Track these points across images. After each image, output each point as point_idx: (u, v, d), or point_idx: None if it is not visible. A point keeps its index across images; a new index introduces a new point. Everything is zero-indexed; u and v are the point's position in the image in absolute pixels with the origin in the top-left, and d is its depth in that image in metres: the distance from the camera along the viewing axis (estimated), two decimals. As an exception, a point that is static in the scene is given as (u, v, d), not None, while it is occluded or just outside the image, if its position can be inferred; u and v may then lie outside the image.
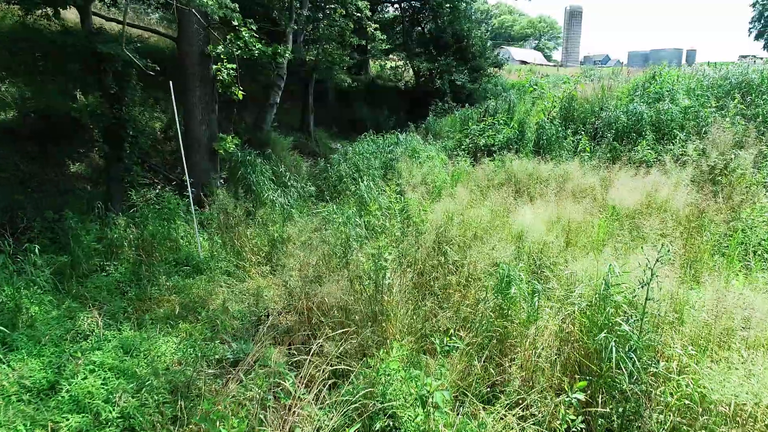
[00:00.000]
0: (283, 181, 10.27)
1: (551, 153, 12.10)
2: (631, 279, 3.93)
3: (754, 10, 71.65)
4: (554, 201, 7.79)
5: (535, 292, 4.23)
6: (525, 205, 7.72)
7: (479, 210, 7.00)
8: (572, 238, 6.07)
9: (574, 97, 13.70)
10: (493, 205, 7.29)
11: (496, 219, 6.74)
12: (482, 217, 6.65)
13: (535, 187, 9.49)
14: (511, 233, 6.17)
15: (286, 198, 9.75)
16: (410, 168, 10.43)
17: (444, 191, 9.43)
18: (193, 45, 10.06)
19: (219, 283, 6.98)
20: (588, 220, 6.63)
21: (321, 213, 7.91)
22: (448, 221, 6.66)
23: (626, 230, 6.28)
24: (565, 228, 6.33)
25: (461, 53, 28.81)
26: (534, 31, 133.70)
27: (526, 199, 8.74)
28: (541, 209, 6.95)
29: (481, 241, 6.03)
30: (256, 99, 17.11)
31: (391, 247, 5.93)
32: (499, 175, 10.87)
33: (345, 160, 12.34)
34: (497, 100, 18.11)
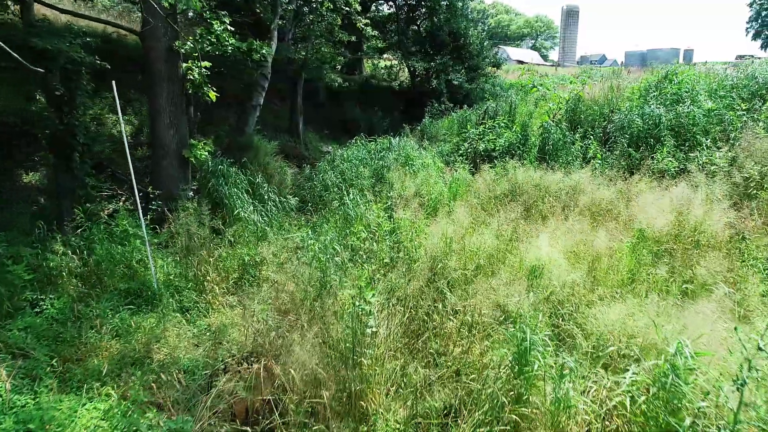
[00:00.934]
0: (260, 194, 9.16)
1: (558, 160, 11.02)
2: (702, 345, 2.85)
3: (751, 9, 71.00)
4: (569, 221, 6.71)
5: (565, 372, 3.13)
6: (536, 225, 6.63)
7: (482, 234, 5.91)
8: (599, 274, 4.99)
9: (580, 98, 12.65)
10: (498, 227, 6.19)
11: (502, 245, 5.65)
12: (486, 243, 5.56)
13: (543, 202, 8.41)
14: (522, 266, 5.08)
15: (263, 213, 8.64)
16: (403, 178, 9.34)
17: (441, 206, 8.35)
18: (158, 40, 8.93)
19: (174, 321, 5.88)
20: (613, 247, 5.55)
21: (295, 237, 6.79)
22: (446, 248, 5.56)
23: (662, 262, 5.19)
24: (587, 259, 5.24)
25: (458, 52, 27.75)
26: (531, 30, 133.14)
27: (536, 217, 7.66)
28: (556, 233, 5.86)
29: (485, 275, 4.94)
30: (242, 99, 16.02)
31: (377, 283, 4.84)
32: (502, 184, 9.80)
33: (332, 167, 11.24)
34: (497, 101, 17.03)
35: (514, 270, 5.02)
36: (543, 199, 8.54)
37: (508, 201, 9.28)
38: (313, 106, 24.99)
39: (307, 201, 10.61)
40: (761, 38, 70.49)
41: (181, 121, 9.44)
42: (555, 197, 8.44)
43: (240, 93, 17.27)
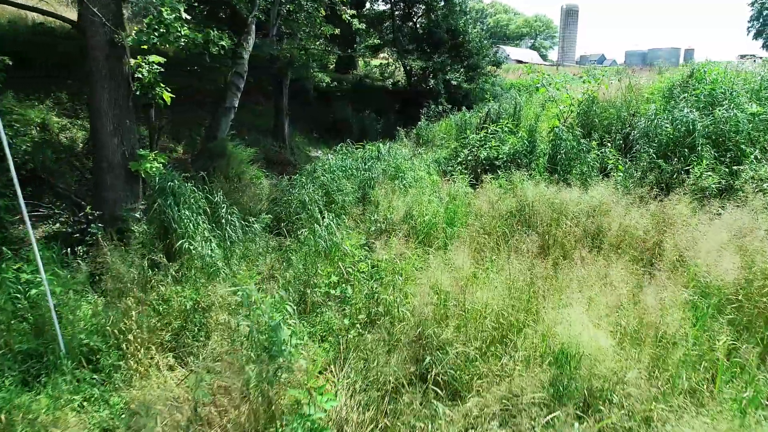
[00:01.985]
0: (221, 215, 7.67)
1: (571, 171, 9.57)
2: None
3: (753, 8, 69.83)
4: (598, 258, 5.24)
5: None
6: (557, 266, 5.16)
7: (488, 285, 4.43)
8: (659, 361, 3.50)
9: (594, 100, 11.20)
10: (509, 274, 4.71)
11: (517, 303, 4.17)
12: (494, 301, 4.08)
13: (560, 225, 6.95)
14: (546, 344, 3.60)
15: (222, 239, 7.17)
16: (390, 196, 7.86)
17: (435, 232, 6.88)
18: (97, 31, 7.44)
19: (79, 400, 4.41)
20: (664, 303, 4.06)
21: (237, 294, 5.29)
22: (440, 307, 4.09)
23: (741, 337, 3.71)
24: (639, 336, 3.72)
25: (457, 50, 26.33)
26: (530, 30, 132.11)
27: (555, 249, 6.21)
28: (587, 282, 4.39)
29: (494, 355, 3.47)
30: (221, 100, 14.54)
31: (343, 362, 3.39)
32: (507, 201, 8.35)
33: (311, 179, 9.76)
34: (500, 102, 15.54)
35: (534, 347, 3.55)
36: (559, 222, 7.07)
37: (516, 223, 7.82)
38: (302, 107, 23.49)
39: (282, 219, 9.14)
40: (763, 38, 69.33)
41: (127, 127, 7.96)
42: (574, 221, 6.98)
43: (220, 93, 15.82)
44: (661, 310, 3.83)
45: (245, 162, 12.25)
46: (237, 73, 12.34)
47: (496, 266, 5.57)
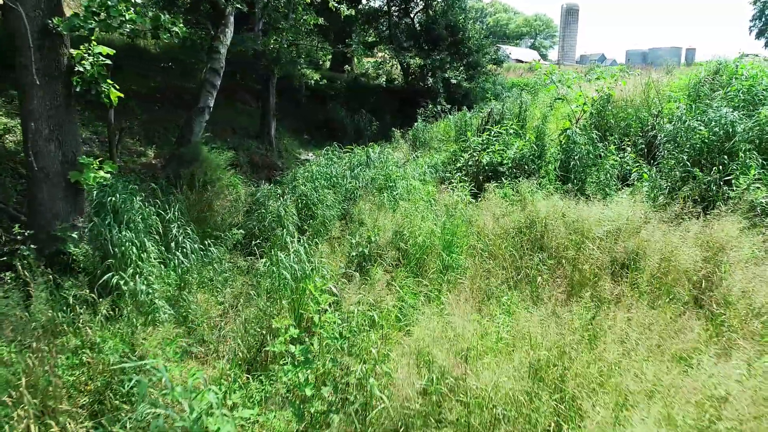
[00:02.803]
0: (175, 236, 6.45)
1: (587, 180, 8.38)
2: None
3: (755, 7, 68.68)
4: (639, 304, 4.03)
5: None
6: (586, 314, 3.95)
7: (498, 351, 3.21)
8: None
9: (610, 99, 9.99)
10: (527, 332, 3.49)
11: (539, 388, 2.95)
12: (509, 380, 2.87)
13: (582, 251, 5.75)
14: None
15: (174, 265, 5.96)
16: (376, 214, 6.64)
17: (430, 258, 5.67)
18: (27, 15, 6.23)
19: None
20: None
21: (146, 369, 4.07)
22: (429, 395, 2.88)
23: None
24: None
25: (456, 48, 25.12)
26: (530, 29, 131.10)
27: (581, 285, 5.01)
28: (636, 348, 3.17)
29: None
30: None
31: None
32: (515, 215, 7.15)
33: (291, 188, 8.56)
34: (503, 102, 14.33)
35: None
36: (580, 246, 5.86)
37: (526, 242, 6.61)
38: (293, 107, 22.29)
39: (255, 235, 7.95)
40: (765, 37, 68.24)
41: (67, 130, 6.73)
42: (598, 244, 5.77)
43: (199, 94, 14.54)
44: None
45: (221, 167, 11.05)
46: (213, 69, 11.13)
47: (505, 308, 4.37)
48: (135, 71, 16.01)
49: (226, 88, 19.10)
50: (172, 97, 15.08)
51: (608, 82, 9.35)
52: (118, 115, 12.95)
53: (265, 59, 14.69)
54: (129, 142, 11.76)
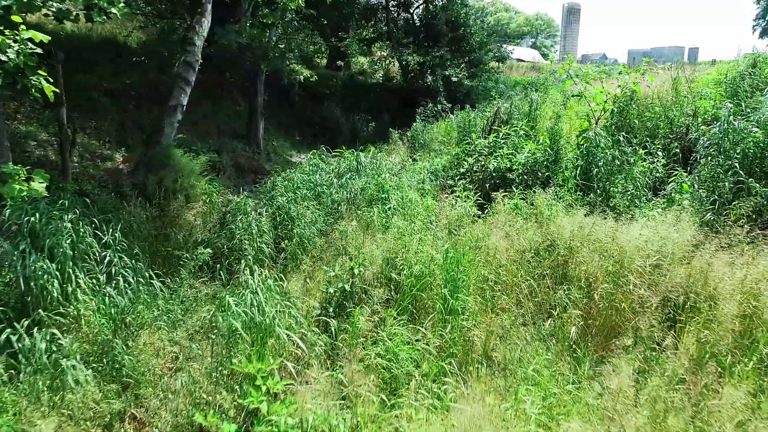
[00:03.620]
0: (113, 262, 5.23)
1: (612, 191, 7.18)
2: None
3: (758, 6, 67.48)
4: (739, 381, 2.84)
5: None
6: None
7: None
8: None
9: (634, 96, 8.80)
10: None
11: None
12: None
13: (620, 286, 4.56)
14: None
15: (110, 299, 4.75)
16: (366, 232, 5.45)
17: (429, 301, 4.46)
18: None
19: None
20: None
21: None
22: None
23: None
24: None
25: (457, 44, 23.90)
26: (531, 29, 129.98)
27: (632, 342, 3.83)
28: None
29: None
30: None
31: None
32: (530, 233, 5.96)
33: (267, 199, 7.37)
34: (511, 101, 13.09)
35: None
36: (617, 279, 4.66)
37: (546, 273, 5.42)
38: (285, 106, 21.07)
39: (223, 254, 6.77)
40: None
41: (-12, 133, 5.56)
42: (644, 279, 4.57)
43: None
44: None
45: (196, 173, 9.85)
46: (186, 63, 9.92)
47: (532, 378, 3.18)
48: (114, 67, 14.79)
49: (212, 85, 17.89)
50: (150, 94, 13.85)
51: (634, 77, 8.16)
52: (86, 114, 11.80)
53: (251, 53, 13.48)
54: (95, 144, 10.56)
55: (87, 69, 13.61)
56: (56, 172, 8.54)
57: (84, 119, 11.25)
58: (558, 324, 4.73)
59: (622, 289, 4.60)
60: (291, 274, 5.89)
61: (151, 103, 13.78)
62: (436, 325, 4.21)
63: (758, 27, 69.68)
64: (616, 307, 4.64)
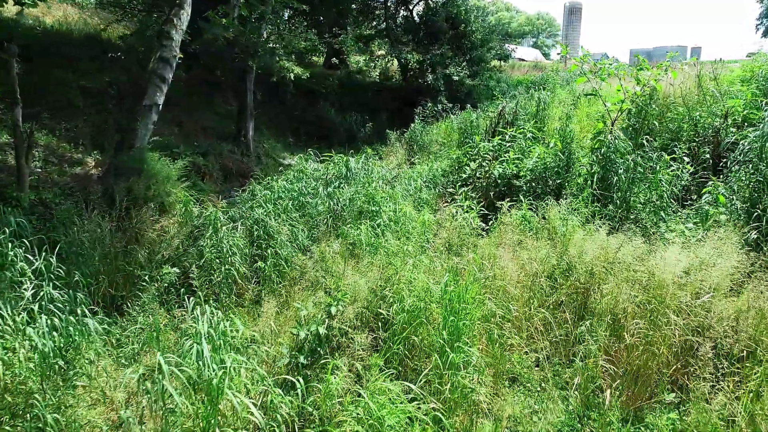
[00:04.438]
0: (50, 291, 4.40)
1: (633, 203, 6.34)
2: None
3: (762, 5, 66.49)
4: None
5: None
6: None
7: None
8: None
9: (653, 95, 7.96)
10: None
11: None
12: None
13: (658, 328, 3.72)
14: None
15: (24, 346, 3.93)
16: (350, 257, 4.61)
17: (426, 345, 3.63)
18: None
19: None
20: None
21: None
22: None
23: None
24: None
25: (458, 42, 23.06)
26: (532, 28, 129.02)
27: (673, 397, 3.00)
28: None
29: None
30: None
31: None
32: (544, 253, 5.13)
33: (245, 211, 6.53)
34: (515, 100, 12.22)
35: None
36: (653, 319, 3.83)
37: (565, 309, 4.59)
38: (279, 105, 20.25)
39: (190, 276, 5.95)
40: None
41: None
42: (687, 318, 3.74)
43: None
44: None
45: (172, 179, 9.01)
46: (163, 59, 9.08)
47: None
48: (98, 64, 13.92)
49: (201, 83, 17.06)
50: (132, 93, 13.00)
51: (655, 74, 7.33)
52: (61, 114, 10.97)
53: (238, 49, 12.65)
54: (65, 147, 9.73)
55: (66, 66, 12.80)
56: (14, 179, 7.74)
57: (57, 120, 10.43)
58: (579, 369, 3.90)
59: (659, 330, 3.75)
60: (266, 300, 5.04)
61: (133, 102, 12.93)
62: (432, 380, 3.37)
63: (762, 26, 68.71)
64: (652, 350, 3.80)
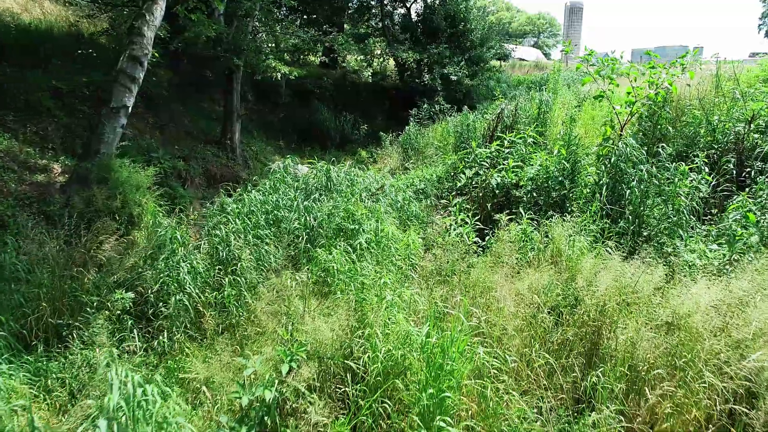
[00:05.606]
0: None
1: (646, 216, 5.64)
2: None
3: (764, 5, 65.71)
4: None
5: None
6: None
7: None
8: None
9: (666, 98, 7.24)
10: None
11: None
12: None
13: (690, 393, 3.00)
14: None
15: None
16: (319, 294, 3.89)
17: (403, 409, 2.92)
18: None
19: None
20: None
21: None
22: None
23: None
24: None
25: (457, 41, 22.30)
26: (533, 28, 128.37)
27: None
28: None
29: None
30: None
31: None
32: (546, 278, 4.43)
33: (211, 228, 5.82)
34: (515, 101, 11.46)
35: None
36: (683, 374, 3.12)
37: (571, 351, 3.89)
38: (271, 107, 19.54)
39: (147, 301, 5.28)
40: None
41: None
42: (729, 377, 3.02)
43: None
44: None
45: (142, 188, 8.30)
46: (133, 57, 8.35)
47: None
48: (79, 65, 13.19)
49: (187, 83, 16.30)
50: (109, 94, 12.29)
51: (671, 74, 6.60)
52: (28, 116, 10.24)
53: (221, 47, 11.93)
54: (30, 152, 9.00)
55: (39, 65, 12.07)
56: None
57: (22, 122, 9.71)
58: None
59: (690, 390, 3.04)
60: (221, 338, 4.34)
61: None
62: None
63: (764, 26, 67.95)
64: (682, 416, 3.08)
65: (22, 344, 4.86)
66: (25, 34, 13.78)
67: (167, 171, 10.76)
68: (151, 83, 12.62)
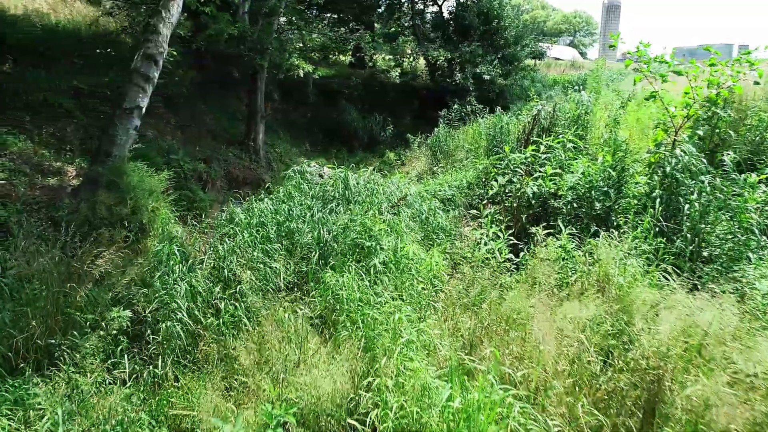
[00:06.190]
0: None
1: (706, 234, 4.89)
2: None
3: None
4: None
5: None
6: None
7: None
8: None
9: (728, 100, 6.42)
10: None
11: None
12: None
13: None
14: None
15: None
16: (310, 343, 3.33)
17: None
18: None
19: None
20: None
21: None
22: None
23: None
24: None
25: (490, 39, 21.51)
26: (569, 26, 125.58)
27: None
28: None
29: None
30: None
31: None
32: (590, 311, 3.77)
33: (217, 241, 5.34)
34: (552, 101, 10.68)
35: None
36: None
37: (624, 407, 3.21)
38: (296, 108, 19.12)
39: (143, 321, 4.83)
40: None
41: None
42: None
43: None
44: None
45: (155, 193, 7.90)
46: (147, 56, 7.98)
47: None
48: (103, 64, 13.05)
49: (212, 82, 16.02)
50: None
51: (736, 71, 5.81)
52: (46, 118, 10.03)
53: (244, 46, 11.55)
54: (45, 154, 8.75)
55: (62, 65, 11.95)
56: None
57: (39, 123, 9.49)
58: None
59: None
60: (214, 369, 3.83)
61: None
62: None
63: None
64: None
65: (7, 367, 4.46)
66: (52, 34, 13.73)
67: (187, 173, 10.40)
68: (171, 82, 12.32)
